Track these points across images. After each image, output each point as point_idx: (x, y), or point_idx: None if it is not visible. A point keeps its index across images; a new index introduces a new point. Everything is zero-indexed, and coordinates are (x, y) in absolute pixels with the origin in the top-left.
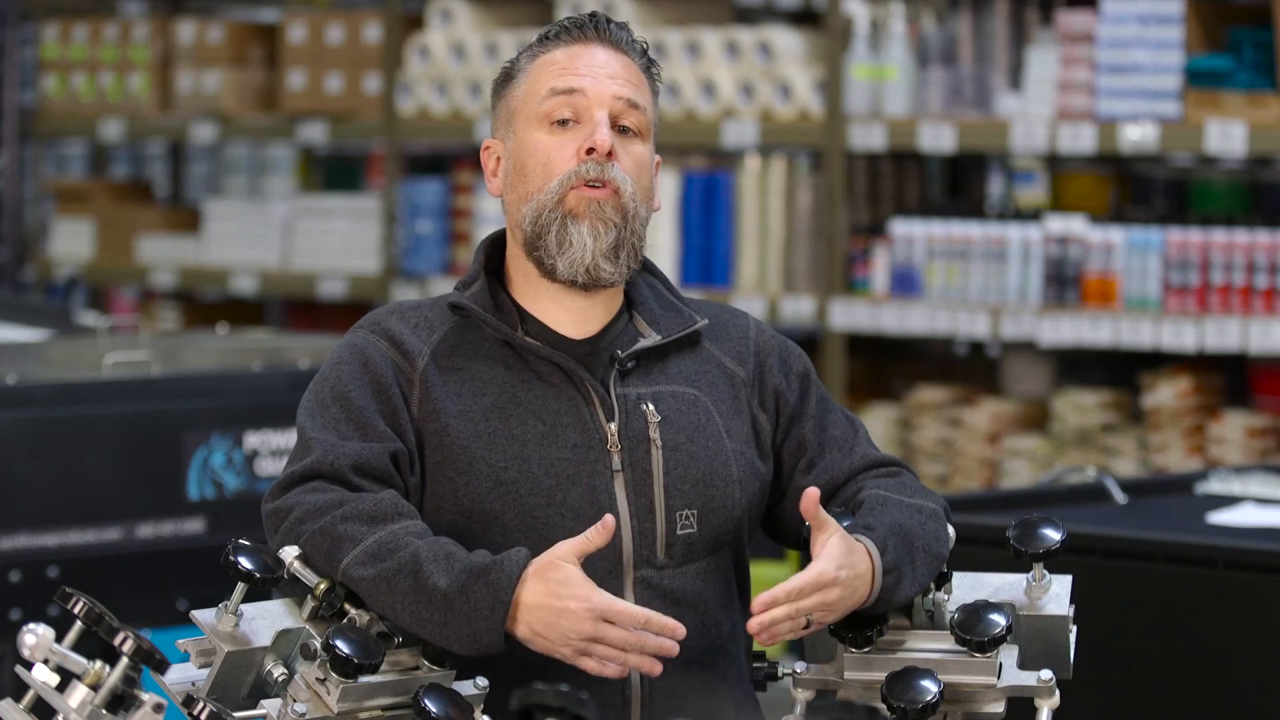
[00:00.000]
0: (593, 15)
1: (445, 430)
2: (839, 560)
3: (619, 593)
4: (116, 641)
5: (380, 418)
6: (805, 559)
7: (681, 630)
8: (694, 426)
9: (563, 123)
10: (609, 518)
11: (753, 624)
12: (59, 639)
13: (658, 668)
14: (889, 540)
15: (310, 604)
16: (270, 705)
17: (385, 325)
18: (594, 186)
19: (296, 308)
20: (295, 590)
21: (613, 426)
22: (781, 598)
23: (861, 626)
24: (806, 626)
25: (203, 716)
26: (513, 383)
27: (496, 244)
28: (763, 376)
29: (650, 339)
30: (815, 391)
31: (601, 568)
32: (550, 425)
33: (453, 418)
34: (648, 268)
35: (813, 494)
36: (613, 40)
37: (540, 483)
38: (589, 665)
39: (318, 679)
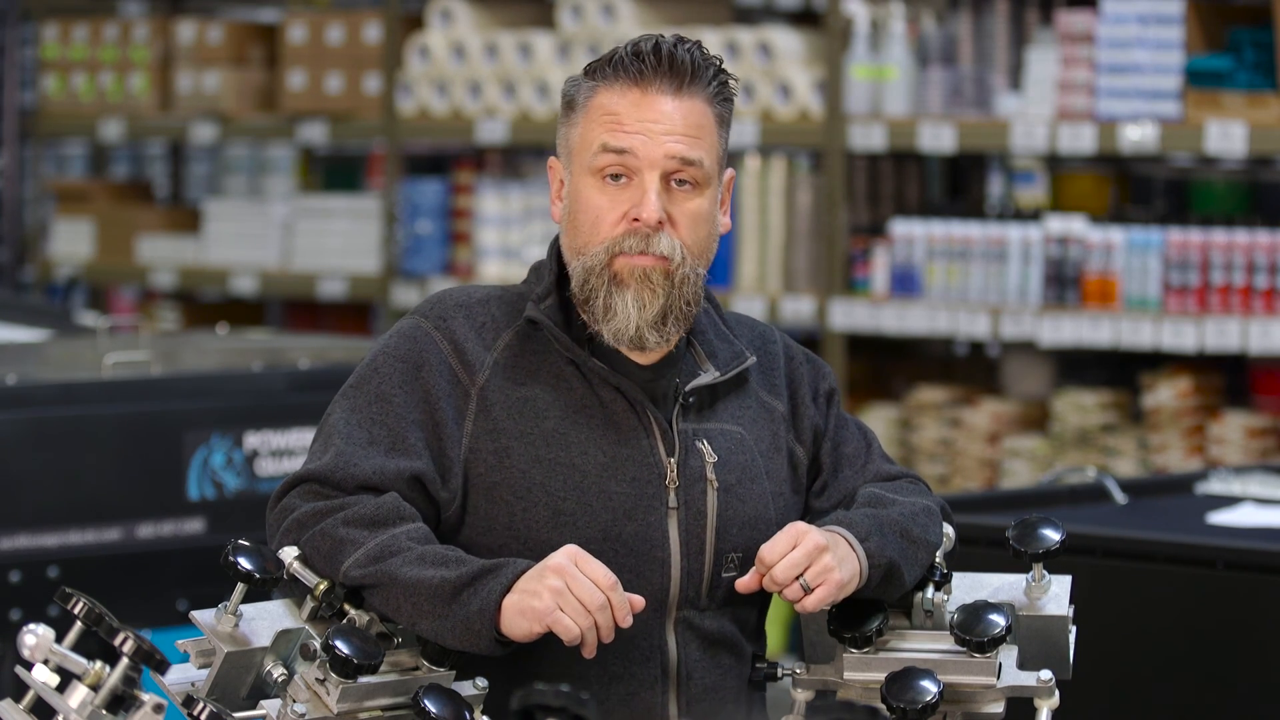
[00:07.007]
0: (656, 47)
1: (506, 451)
2: (798, 527)
3: (661, 631)
4: (116, 642)
5: (418, 430)
6: None
7: (641, 602)
8: (742, 467)
9: (615, 176)
10: None
11: (741, 583)
12: (59, 639)
13: (626, 621)
14: (854, 518)
15: (310, 604)
16: (270, 705)
17: (450, 325)
18: (641, 254)
19: (296, 308)
20: (295, 590)
21: (673, 461)
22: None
23: (861, 624)
24: (807, 593)
25: (203, 717)
26: (575, 407)
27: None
28: (797, 410)
29: (709, 374)
30: (835, 409)
31: (647, 606)
32: (611, 457)
33: (514, 439)
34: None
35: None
36: (676, 75)
37: (598, 516)
38: (562, 621)
39: (317, 679)
